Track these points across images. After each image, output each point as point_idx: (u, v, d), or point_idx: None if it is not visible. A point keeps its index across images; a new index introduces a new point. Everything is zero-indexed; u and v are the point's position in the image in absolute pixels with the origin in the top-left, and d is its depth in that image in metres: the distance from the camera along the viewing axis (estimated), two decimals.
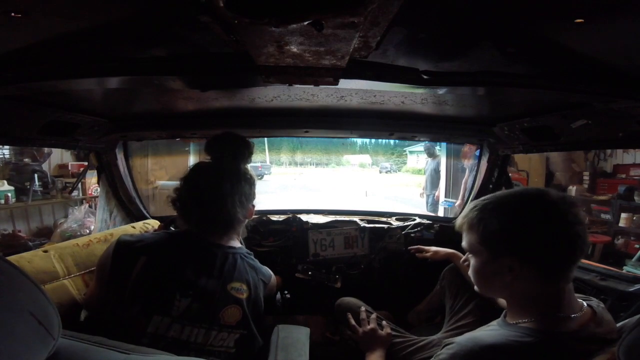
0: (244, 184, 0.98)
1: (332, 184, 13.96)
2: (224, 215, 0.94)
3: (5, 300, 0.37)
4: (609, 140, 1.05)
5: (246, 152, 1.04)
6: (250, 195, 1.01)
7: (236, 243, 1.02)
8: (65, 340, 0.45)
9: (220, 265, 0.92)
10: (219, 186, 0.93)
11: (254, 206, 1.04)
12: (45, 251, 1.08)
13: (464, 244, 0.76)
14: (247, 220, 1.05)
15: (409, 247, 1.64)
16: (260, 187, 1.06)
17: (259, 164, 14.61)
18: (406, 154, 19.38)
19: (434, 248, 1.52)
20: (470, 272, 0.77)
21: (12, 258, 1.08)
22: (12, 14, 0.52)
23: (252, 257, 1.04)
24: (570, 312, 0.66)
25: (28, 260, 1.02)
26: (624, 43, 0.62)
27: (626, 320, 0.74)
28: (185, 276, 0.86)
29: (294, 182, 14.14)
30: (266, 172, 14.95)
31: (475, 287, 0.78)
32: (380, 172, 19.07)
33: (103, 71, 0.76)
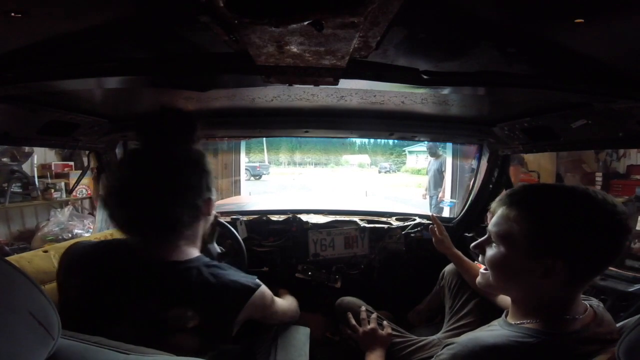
0: (187, 173, 0.74)
1: (331, 184, 13.70)
2: (156, 216, 0.72)
3: (5, 300, 0.37)
4: (609, 140, 1.04)
5: (186, 130, 0.79)
6: (201, 187, 0.77)
7: (191, 252, 0.79)
8: (65, 341, 0.45)
9: (161, 287, 0.72)
10: (144, 177, 0.72)
11: (210, 200, 0.80)
12: (46, 251, 1.08)
13: (494, 229, 0.70)
14: (210, 218, 0.83)
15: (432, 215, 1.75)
16: (258, 187, 1.02)
17: (257, 164, 14.39)
18: (405, 154, 19.27)
19: (446, 237, 1.42)
20: (488, 262, 0.72)
21: (12, 258, 1.08)
22: (12, 14, 0.52)
23: (220, 267, 0.79)
24: (576, 314, 0.65)
25: (28, 260, 1.02)
26: (624, 43, 0.62)
27: (626, 320, 0.74)
28: (117, 302, 0.71)
29: (293, 182, 13.88)
30: (264, 172, 14.68)
31: (490, 278, 0.74)
32: (380, 172, 19.01)
33: (103, 71, 0.76)
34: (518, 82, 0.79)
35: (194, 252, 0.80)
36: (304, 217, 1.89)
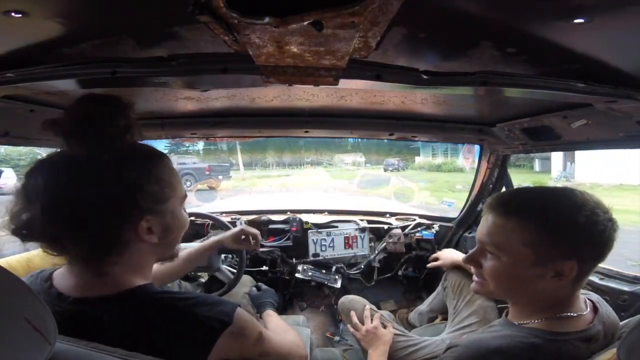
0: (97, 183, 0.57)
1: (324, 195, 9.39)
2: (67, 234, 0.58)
3: None
4: (609, 140, 1.05)
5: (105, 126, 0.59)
6: (121, 203, 0.58)
7: (128, 282, 0.60)
8: (62, 345, 0.45)
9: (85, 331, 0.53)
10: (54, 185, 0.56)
11: (147, 220, 0.60)
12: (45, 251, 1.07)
13: (488, 239, 0.68)
14: (155, 240, 0.62)
15: (430, 258, 1.54)
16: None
17: (206, 166, 10.14)
18: (418, 147, 15.84)
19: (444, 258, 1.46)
20: (490, 274, 0.69)
21: (13, 258, 1.08)
22: (12, 14, 0.52)
23: (176, 297, 0.61)
24: (578, 311, 0.65)
25: (28, 260, 1.02)
26: (624, 43, 0.62)
27: (626, 320, 0.74)
28: None
29: (270, 190, 8.81)
30: (220, 177, 9.96)
31: (489, 287, 0.72)
32: (385, 170, 16.21)
33: (103, 71, 0.76)
34: (518, 82, 0.79)
35: (138, 279, 0.61)
36: (304, 217, 1.89)
